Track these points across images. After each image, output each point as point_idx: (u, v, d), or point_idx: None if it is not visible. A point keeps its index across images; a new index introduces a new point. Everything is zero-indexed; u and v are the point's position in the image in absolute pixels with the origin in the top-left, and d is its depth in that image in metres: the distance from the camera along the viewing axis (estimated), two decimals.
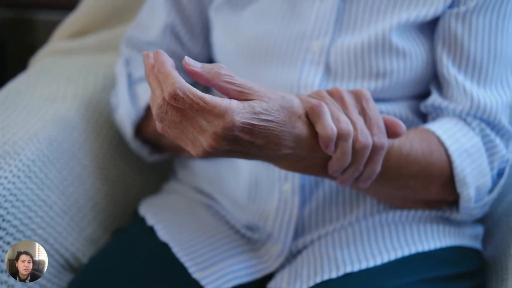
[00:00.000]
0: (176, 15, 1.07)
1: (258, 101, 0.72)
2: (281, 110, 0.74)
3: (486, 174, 0.92)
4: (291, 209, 0.97)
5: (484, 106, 0.92)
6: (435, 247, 0.93)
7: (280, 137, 0.75)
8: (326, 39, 0.96)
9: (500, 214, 1.04)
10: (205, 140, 0.71)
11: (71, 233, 1.03)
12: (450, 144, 0.90)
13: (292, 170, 0.82)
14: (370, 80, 0.95)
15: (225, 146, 0.72)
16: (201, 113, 0.70)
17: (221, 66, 0.72)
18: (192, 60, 0.72)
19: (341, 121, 0.78)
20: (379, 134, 0.80)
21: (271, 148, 0.75)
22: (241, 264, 0.96)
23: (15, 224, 0.92)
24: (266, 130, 0.73)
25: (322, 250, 0.94)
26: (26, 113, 1.04)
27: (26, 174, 0.95)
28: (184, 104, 0.69)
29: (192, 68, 0.71)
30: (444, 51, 0.94)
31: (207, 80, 0.72)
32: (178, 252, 0.96)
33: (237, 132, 0.71)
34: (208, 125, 0.71)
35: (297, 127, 0.76)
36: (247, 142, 0.73)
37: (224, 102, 0.70)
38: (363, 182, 0.83)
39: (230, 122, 0.70)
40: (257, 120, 0.72)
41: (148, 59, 0.73)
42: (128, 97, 1.06)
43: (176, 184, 1.13)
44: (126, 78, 1.08)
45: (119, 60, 1.12)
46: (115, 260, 0.98)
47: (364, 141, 0.79)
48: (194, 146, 0.73)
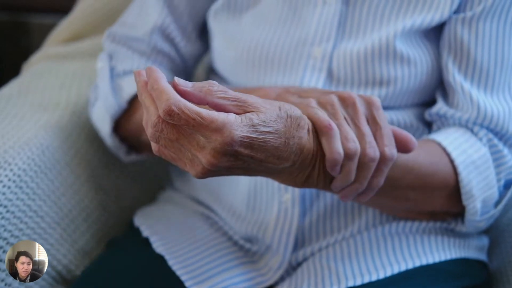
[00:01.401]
0: (168, 15, 1.05)
1: (255, 113, 0.71)
2: (279, 120, 0.72)
3: (493, 186, 0.91)
4: (291, 220, 0.96)
5: (491, 115, 0.91)
6: (440, 259, 0.92)
7: (280, 149, 0.73)
8: (328, 45, 0.95)
9: (506, 225, 1.04)
10: (204, 157, 0.69)
11: (63, 245, 1.02)
12: (456, 156, 0.89)
13: (294, 184, 0.80)
14: (374, 88, 0.94)
15: (225, 163, 0.70)
16: (198, 129, 0.68)
17: (212, 83, 0.70)
18: (182, 80, 0.70)
19: (349, 140, 0.76)
20: (389, 145, 0.78)
21: (272, 162, 0.73)
22: (239, 277, 0.95)
23: (5, 236, 0.91)
24: (265, 143, 0.71)
25: (323, 263, 0.92)
26: (17, 121, 1.03)
27: (17, 184, 0.94)
28: (180, 121, 0.67)
29: (183, 88, 0.70)
30: (450, 57, 0.93)
31: (200, 99, 0.70)
32: (174, 265, 0.95)
33: (236, 147, 0.69)
34: (206, 141, 0.69)
35: (296, 136, 0.74)
36: (247, 157, 0.71)
37: (222, 116, 0.68)
38: (365, 196, 0.81)
39: (229, 136, 0.68)
40: (256, 132, 0.70)
41: (140, 76, 0.71)
42: (110, 89, 1.03)
43: (172, 193, 1.12)
44: (109, 71, 1.05)
45: (102, 55, 1.08)
46: (109, 272, 0.96)
47: (372, 155, 0.77)
48: (193, 165, 0.71)
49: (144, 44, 1.06)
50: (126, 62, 1.05)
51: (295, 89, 0.84)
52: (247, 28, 1.00)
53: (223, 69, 1.04)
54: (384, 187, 0.84)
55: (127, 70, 1.05)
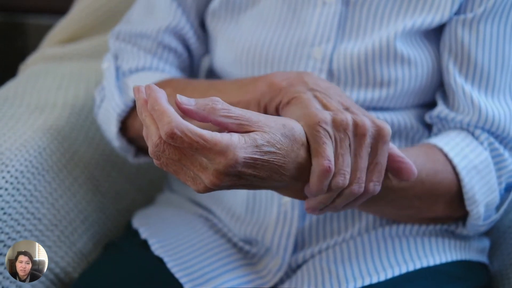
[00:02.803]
0: (182, 15, 1.03)
1: (259, 133, 0.70)
2: (283, 139, 0.71)
3: (495, 190, 0.90)
4: (291, 222, 0.95)
5: (492, 118, 0.91)
6: (441, 261, 0.91)
7: (283, 168, 0.72)
8: (328, 46, 0.94)
9: (507, 227, 1.04)
10: (207, 178, 0.69)
11: (61, 247, 1.01)
12: (458, 161, 0.88)
13: (296, 197, 0.79)
14: (374, 89, 0.93)
15: (228, 182, 0.69)
16: (202, 151, 0.67)
17: (216, 100, 0.69)
18: (185, 98, 0.69)
19: (341, 174, 0.74)
20: (376, 181, 0.77)
21: (274, 179, 0.73)
22: (238, 279, 0.94)
23: (2, 238, 0.90)
24: (269, 163, 0.70)
25: (323, 265, 0.92)
26: (14, 122, 1.03)
27: (14, 186, 0.93)
28: (183, 143, 0.67)
29: (186, 107, 0.69)
30: (451, 59, 0.93)
31: (203, 117, 0.69)
32: (173, 267, 0.94)
33: (239, 168, 0.68)
34: (209, 162, 0.68)
35: (300, 155, 0.73)
36: (250, 176, 0.70)
37: (225, 138, 0.67)
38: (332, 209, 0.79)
39: (233, 159, 0.67)
40: (260, 153, 0.69)
41: (139, 93, 0.70)
42: (116, 89, 1.01)
43: (171, 195, 1.11)
44: (114, 71, 1.04)
45: (107, 55, 1.07)
46: (107, 275, 0.96)
47: (355, 191, 0.75)
48: (195, 183, 0.71)
49: (150, 40, 1.04)
50: (132, 60, 1.04)
51: (312, 81, 0.80)
52: (246, 29, 0.99)
53: (222, 70, 1.03)
54: (392, 197, 0.85)
55: (133, 68, 1.03)
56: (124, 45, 1.05)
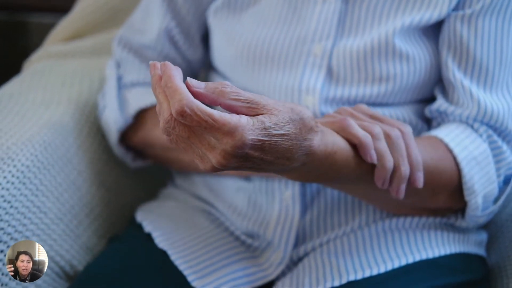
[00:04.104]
0: (171, 19, 1.06)
1: (267, 115, 0.70)
2: (292, 123, 0.72)
3: (494, 182, 0.91)
4: (292, 216, 0.96)
5: (491, 112, 0.92)
6: (440, 254, 0.92)
7: (291, 151, 0.72)
8: (328, 43, 0.95)
9: (504, 220, 1.04)
10: (214, 158, 0.69)
11: (66, 240, 1.02)
12: (458, 152, 0.89)
13: (303, 181, 0.80)
14: (373, 85, 0.94)
15: (235, 163, 0.70)
16: (210, 130, 0.68)
17: (225, 84, 0.70)
18: (195, 80, 0.69)
19: (366, 126, 0.80)
20: (397, 124, 0.84)
21: (282, 163, 0.73)
22: (241, 272, 0.95)
23: (9, 231, 0.91)
24: (276, 146, 0.71)
25: (324, 258, 0.92)
26: (19, 118, 1.03)
27: (20, 180, 0.94)
28: (192, 122, 0.67)
29: (195, 90, 0.69)
30: (450, 55, 0.93)
31: (213, 100, 0.69)
32: (177, 259, 0.95)
33: (247, 150, 0.69)
34: (217, 142, 0.68)
35: (308, 139, 0.74)
36: (257, 159, 0.71)
37: (234, 119, 0.68)
38: (417, 180, 0.84)
39: (240, 140, 0.68)
40: (268, 135, 0.70)
41: (154, 69, 0.71)
42: (117, 102, 1.04)
43: (174, 190, 1.12)
44: (116, 80, 1.06)
45: (110, 61, 1.10)
46: (111, 268, 0.96)
47: (393, 133, 0.81)
48: (203, 162, 0.71)
49: (154, 51, 1.06)
50: (134, 73, 1.06)
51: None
52: (247, 26, 1.00)
53: (222, 67, 1.04)
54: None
55: (134, 82, 1.06)
56: (126, 54, 1.07)
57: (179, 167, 1.06)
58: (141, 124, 1.03)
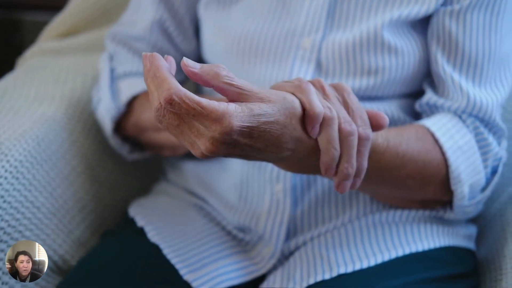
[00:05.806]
0: (164, 11, 1.06)
1: (257, 103, 0.71)
2: (283, 111, 0.72)
3: (480, 172, 0.92)
4: (283, 210, 0.96)
5: (480, 105, 0.92)
6: (429, 247, 0.93)
7: (280, 140, 0.73)
8: (317, 36, 0.95)
9: (493, 215, 1.04)
10: (203, 144, 0.70)
11: (59, 235, 1.02)
12: (444, 141, 0.90)
13: (292, 170, 0.81)
14: (362, 77, 0.95)
15: (224, 150, 0.70)
16: (198, 118, 0.68)
17: (221, 67, 0.70)
18: (191, 61, 0.70)
19: (324, 106, 0.75)
20: (363, 125, 0.77)
21: (271, 151, 0.74)
22: (232, 265, 0.96)
23: (2, 226, 0.91)
24: (265, 133, 0.71)
25: (315, 251, 0.93)
26: (13, 114, 1.03)
27: (13, 175, 0.94)
28: (181, 110, 0.68)
29: (191, 70, 0.70)
30: (439, 49, 0.94)
31: (206, 81, 0.70)
32: (169, 253, 0.95)
33: (235, 136, 0.69)
34: (206, 129, 0.69)
35: (298, 129, 0.74)
36: (246, 145, 0.71)
37: (222, 107, 0.68)
38: (354, 184, 0.79)
39: (228, 126, 0.68)
40: (256, 122, 0.70)
41: (146, 60, 0.71)
42: (110, 92, 1.05)
43: (166, 185, 1.12)
44: (109, 73, 1.07)
45: (103, 55, 1.11)
46: (104, 262, 0.97)
47: (348, 129, 0.76)
48: (193, 148, 0.72)
49: (144, 42, 1.07)
50: (126, 64, 1.08)
51: None
52: (236, 19, 1.00)
53: (212, 60, 1.04)
54: (386, 176, 0.86)
55: (127, 72, 1.07)
56: (119, 48, 1.09)
57: (172, 151, 1.05)
58: (133, 111, 1.04)
